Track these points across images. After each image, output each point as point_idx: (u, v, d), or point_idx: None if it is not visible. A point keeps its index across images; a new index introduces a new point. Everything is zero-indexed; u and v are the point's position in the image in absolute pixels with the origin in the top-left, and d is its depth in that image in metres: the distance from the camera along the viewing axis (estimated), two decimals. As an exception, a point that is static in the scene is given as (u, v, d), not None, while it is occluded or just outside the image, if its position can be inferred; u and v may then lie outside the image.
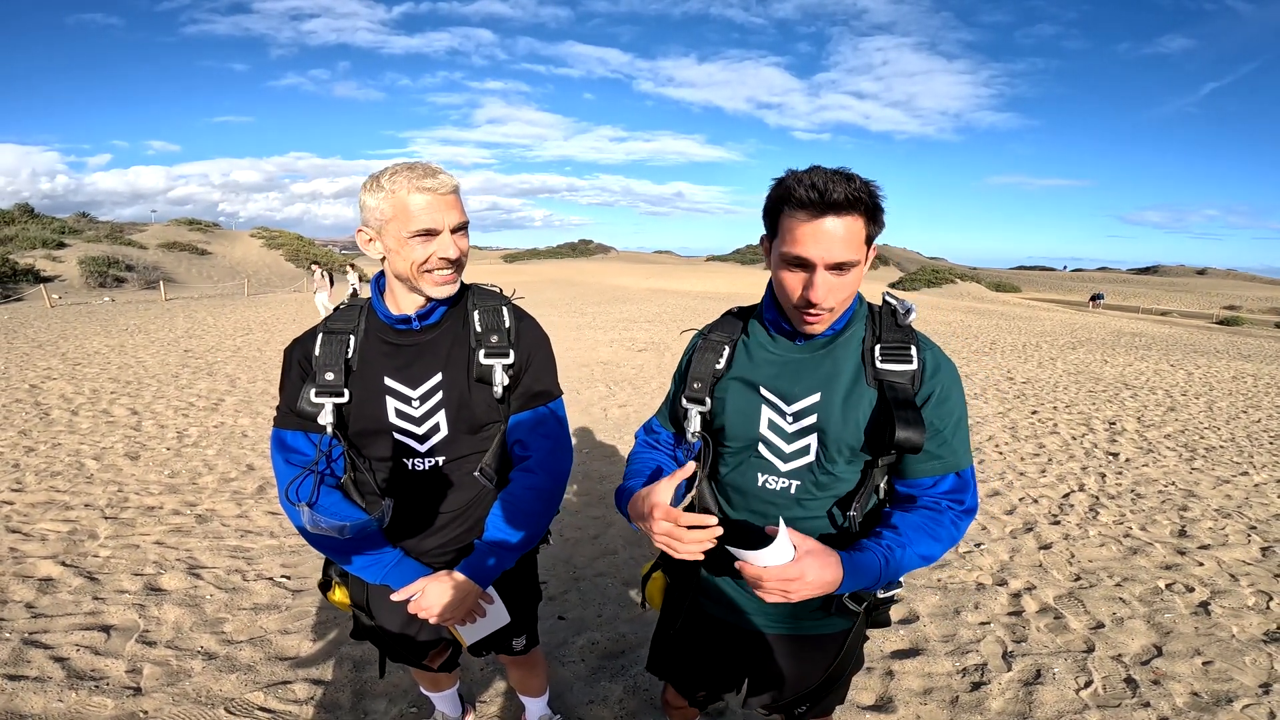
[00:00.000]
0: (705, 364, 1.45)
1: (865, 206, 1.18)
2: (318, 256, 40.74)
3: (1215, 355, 14.58)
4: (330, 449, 1.52)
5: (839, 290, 1.23)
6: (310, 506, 1.46)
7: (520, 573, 1.76)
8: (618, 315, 18.37)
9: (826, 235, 1.17)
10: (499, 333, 1.53)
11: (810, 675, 1.52)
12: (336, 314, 1.57)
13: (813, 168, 1.20)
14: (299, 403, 1.48)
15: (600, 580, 3.44)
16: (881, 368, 1.31)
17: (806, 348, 1.37)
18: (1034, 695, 2.60)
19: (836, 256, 1.18)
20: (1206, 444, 6.51)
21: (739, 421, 1.41)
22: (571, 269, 59.16)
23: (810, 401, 1.34)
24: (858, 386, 1.32)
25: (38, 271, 25.85)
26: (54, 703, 2.42)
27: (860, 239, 1.20)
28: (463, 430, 1.53)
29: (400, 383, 1.50)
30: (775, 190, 1.24)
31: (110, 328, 14.11)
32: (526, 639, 1.86)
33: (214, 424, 6.39)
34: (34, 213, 35.82)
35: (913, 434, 1.22)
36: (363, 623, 1.74)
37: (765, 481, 1.41)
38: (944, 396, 1.31)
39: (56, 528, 3.91)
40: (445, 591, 1.51)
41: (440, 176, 1.38)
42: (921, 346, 1.33)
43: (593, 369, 9.71)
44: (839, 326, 1.35)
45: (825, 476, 1.37)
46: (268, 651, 2.79)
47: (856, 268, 1.22)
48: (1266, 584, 3.55)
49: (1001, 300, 40.15)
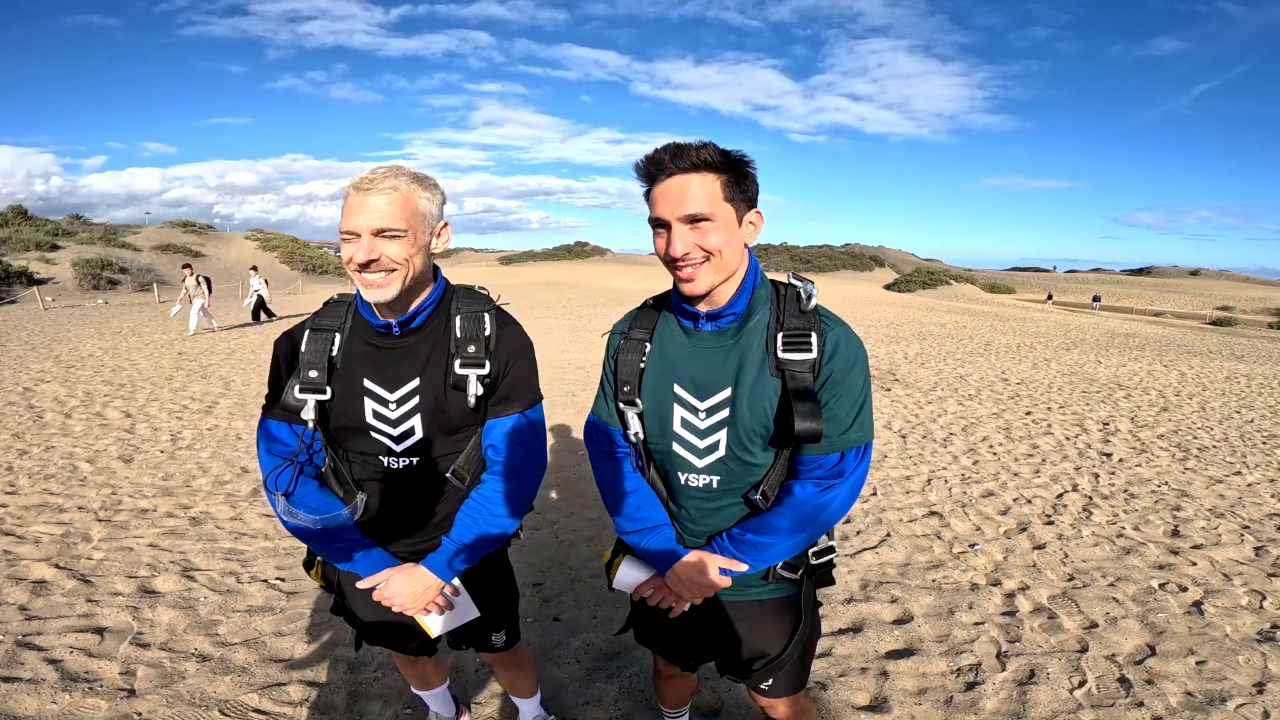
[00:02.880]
0: (630, 365, 1.49)
1: (710, 165, 1.26)
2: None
3: (1208, 356, 14.64)
4: (312, 441, 1.57)
5: (698, 242, 1.28)
6: (287, 496, 1.52)
7: (491, 570, 1.80)
8: (614, 317, 18.37)
9: (671, 193, 1.27)
10: (476, 342, 1.54)
11: (770, 640, 1.58)
12: (324, 310, 1.61)
13: (665, 143, 1.30)
14: (285, 396, 1.53)
15: (595, 582, 3.43)
16: (783, 357, 1.34)
17: (718, 337, 1.41)
18: (1028, 695, 2.61)
19: (687, 209, 1.26)
20: (1200, 444, 6.54)
21: (654, 421, 1.46)
22: (567, 271, 59.17)
23: (722, 396, 1.38)
24: (762, 376, 1.36)
25: (31, 274, 25.76)
26: (48, 704, 2.41)
27: (714, 195, 1.27)
28: (437, 433, 1.57)
29: (378, 385, 1.53)
30: (636, 172, 1.33)
31: (104, 330, 14.07)
32: (506, 635, 1.90)
33: (208, 427, 6.37)
34: (28, 215, 35.69)
35: (811, 425, 1.28)
36: (339, 602, 1.81)
37: (687, 480, 1.46)
38: (841, 377, 1.34)
39: (50, 530, 3.90)
40: (408, 583, 1.57)
41: (379, 180, 1.40)
42: (823, 330, 1.35)
43: (588, 371, 9.71)
44: (740, 310, 1.38)
45: (741, 466, 1.41)
46: (262, 653, 2.78)
47: (716, 223, 1.28)
48: (1260, 583, 3.56)
49: (997, 301, 40.26)
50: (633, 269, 62.49)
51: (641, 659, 2.77)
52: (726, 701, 2.54)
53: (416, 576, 1.58)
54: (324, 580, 1.78)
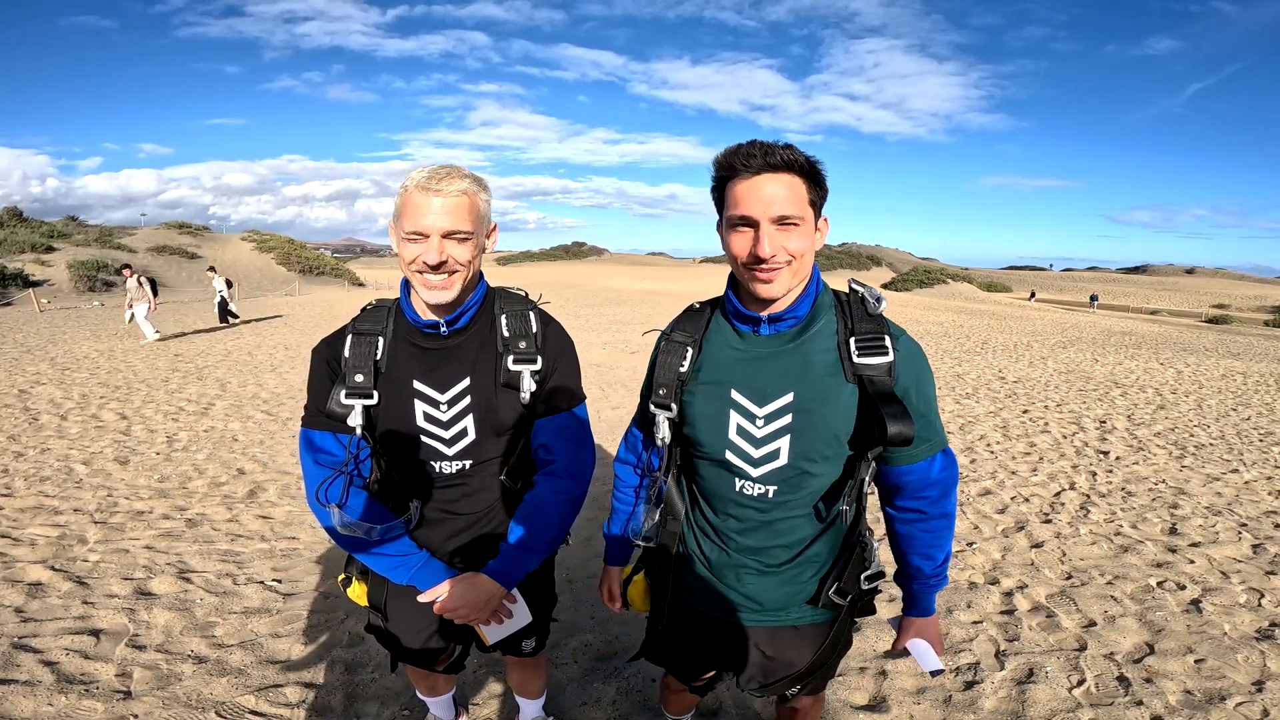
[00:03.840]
0: (668, 368, 1.44)
1: (801, 168, 1.24)
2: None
3: (1204, 353, 14.68)
4: (359, 450, 1.53)
5: (783, 244, 1.24)
6: (340, 508, 1.48)
7: (541, 575, 1.77)
8: (611, 318, 18.37)
9: (766, 191, 1.22)
10: (527, 339, 1.53)
11: (799, 660, 1.54)
12: (364, 315, 1.57)
13: (751, 140, 1.26)
14: (329, 404, 1.49)
15: (593, 582, 3.43)
16: (859, 362, 1.30)
17: (775, 341, 1.36)
18: (1027, 694, 2.60)
19: (779, 210, 1.22)
20: (1196, 442, 6.55)
21: (707, 429, 1.40)
22: (565, 271, 59.13)
23: (784, 402, 1.33)
24: (835, 383, 1.31)
25: (26, 276, 25.70)
26: (44, 706, 2.40)
27: (802, 198, 1.25)
28: (489, 434, 1.54)
29: (428, 386, 1.51)
30: (716, 164, 1.29)
31: (99, 332, 14.02)
32: (537, 641, 1.87)
33: (204, 428, 6.35)
34: (23, 216, 35.64)
35: (904, 428, 1.23)
36: (377, 622, 1.75)
37: (741, 487, 1.41)
38: (921, 383, 1.34)
39: (46, 532, 3.88)
40: (470, 592, 1.53)
41: (448, 180, 1.38)
42: (894, 335, 1.33)
43: (586, 371, 9.68)
44: (803, 314, 1.35)
45: (800, 476, 1.36)
46: (259, 655, 2.77)
47: (801, 227, 1.25)
48: (1258, 581, 3.57)
49: (993, 300, 40.33)
50: (630, 269, 62.45)
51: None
52: (726, 701, 2.53)
53: (479, 586, 1.54)
54: (369, 600, 1.72)
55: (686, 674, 1.74)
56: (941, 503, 1.41)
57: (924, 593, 1.51)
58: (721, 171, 1.28)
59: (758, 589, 1.47)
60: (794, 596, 1.46)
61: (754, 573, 1.46)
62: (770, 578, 1.45)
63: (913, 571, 1.50)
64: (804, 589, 1.46)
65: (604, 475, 5.11)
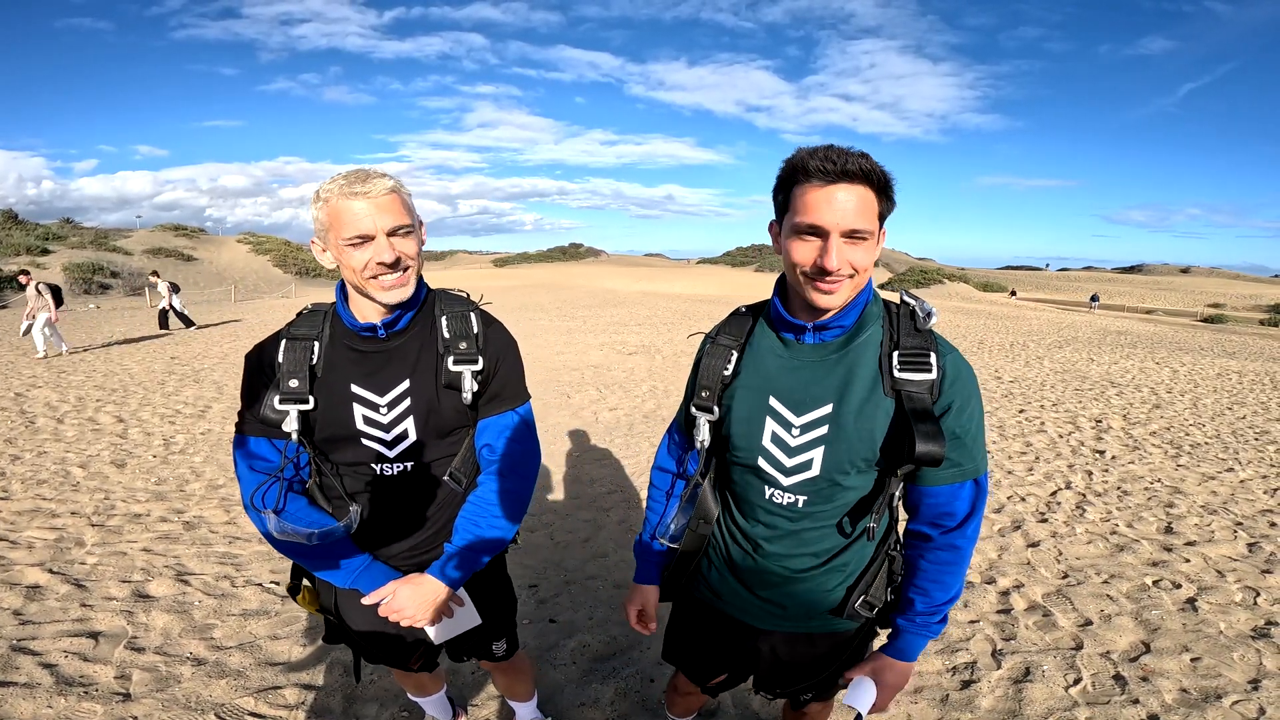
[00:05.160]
0: (712, 370, 1.42)
1: (877, 180, 1.19)
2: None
3: (1200, 353, 14.72)
4: (297, 455, 1.51)
5: (853, 259, 1.20)
6: (277, 513, 1.45)
7: (491, 576, 1.77)
8: (608, 319, 18.37)
9: (841, 202, 1.17)
10: (468, 339, 1.53)
11: (818, 668, 1.54)
12: (300, 319, 1.56)
13: (825, 144, 1.20)
14: (262, 409, 1.48)
15: (591, 583, 3.43)
16: (900, 376, 1.26)
17: (819, 350, 1.33)
18: (1023, 693, 2.62)
19: (851, 223, 1.17)
20: (1192, 441, 6.57)
21: (742, 433, 1.38)
22: (562, 272, 59.08)
23: (822, 412, 1.30)
24: (874, 396, 1.28)
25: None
26: (43, 708, 2.40)
27: (873, 211, 1.20)
28: (432, 435, 1.54)
29: (367, 390, 1.50)
30: (787, 165, 1.23)
31: (95, 334, 13.99)
32: (507, 644, 1.87)
33: (201, 431, 6.35)
34: (18, 219, 35.54)
35: (933, 447, 1.19)
36: (334, 626, 1.75)
37: (771, 495, 1.39)
38: (964, 404, 1.28)
39: (43, 535, 3.88)
40: (415, 594, 1.52)
41: (371, 181, 1.37)
42: (941, 353, 1.29)
43: (583, 373, 9.70)
44: (849, 323, 1.31)
45: (831, 488, 1.34)
46: (257, 657, 2.77)
47: (869, 241, 1.21)
48: (1253, 580, 3.58)
49: (989, 300, 40.39)
50: (627, 270, 62.44)
51: (638, 660, 2.77)
52: (726, 701, 2.54)
53: (423, 586, 1.53)
54: (318, 605, 1.72)
55: (702, 675, 1.73)
56: (954, 534, 1.34)
57: (908, 632, 1.41)
58: (792, 174, 1.22)
59: (782, 595, 1.46)
60: (818, 605, 1.44)
61: (780, 579, 1.45)
62: (796, 585, 1.44)
63: (903, 604, 1.42)
64: (829, 598, 1.44)
65: (604, 477, 5.12)
